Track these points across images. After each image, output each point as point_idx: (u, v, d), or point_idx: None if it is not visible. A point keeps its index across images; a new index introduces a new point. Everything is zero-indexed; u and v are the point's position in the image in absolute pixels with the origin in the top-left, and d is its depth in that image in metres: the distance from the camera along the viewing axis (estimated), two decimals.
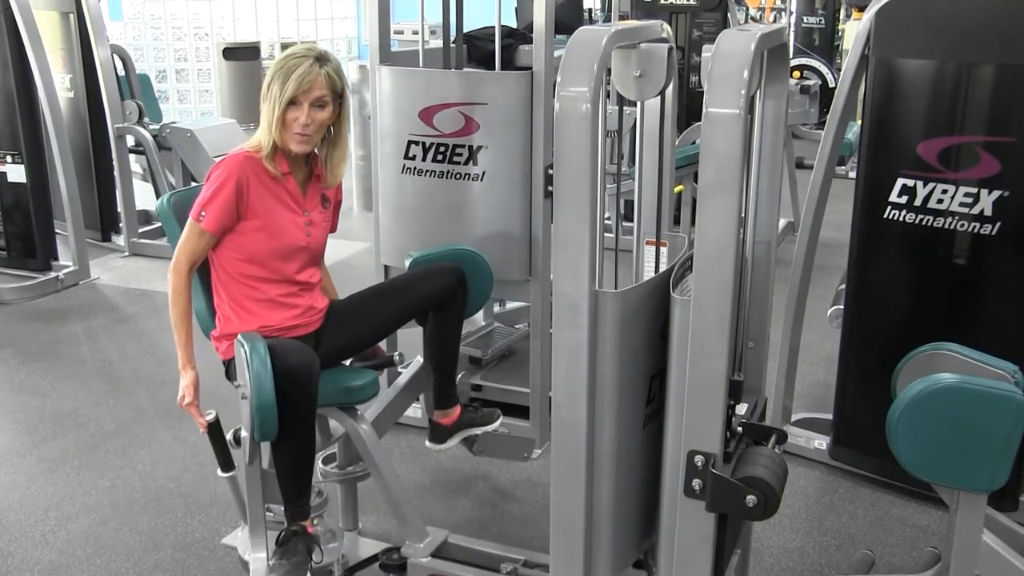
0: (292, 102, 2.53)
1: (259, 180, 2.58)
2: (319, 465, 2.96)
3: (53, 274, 5.62)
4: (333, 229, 2.84)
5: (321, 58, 2.57)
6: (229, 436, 2.58)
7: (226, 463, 2.61)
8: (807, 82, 6.79)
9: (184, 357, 2.62)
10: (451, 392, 2.92)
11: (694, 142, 5.40)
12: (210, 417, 2.58)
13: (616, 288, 2.17)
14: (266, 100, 2.57)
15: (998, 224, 3.00)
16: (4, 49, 5.37)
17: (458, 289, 2.76)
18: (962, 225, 3.06)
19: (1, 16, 5.31)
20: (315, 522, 2.75)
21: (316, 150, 2.68)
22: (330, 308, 2.78)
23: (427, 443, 2.97)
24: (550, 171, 2.99)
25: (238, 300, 2.64)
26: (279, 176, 2.61)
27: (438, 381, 2.91)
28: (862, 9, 6.10)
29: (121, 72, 6.32)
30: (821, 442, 3.59)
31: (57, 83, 5.65)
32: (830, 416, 3.55)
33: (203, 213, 2.53)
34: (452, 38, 3.42)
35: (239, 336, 2.49)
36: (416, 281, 2.83)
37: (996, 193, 2.99)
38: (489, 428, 3.00)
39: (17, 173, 5.54)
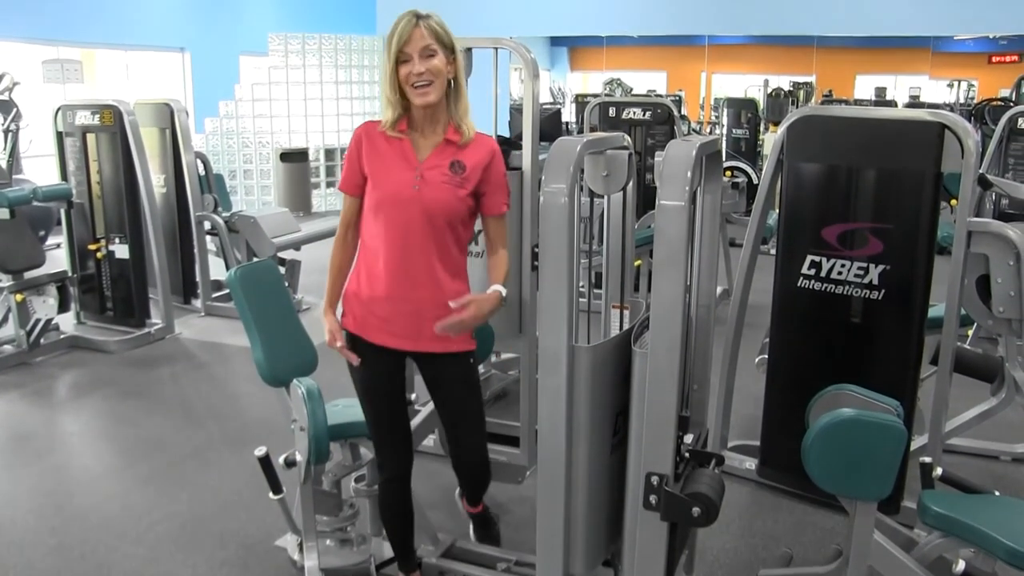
0: (401, 60, 2.18)
1: (372, 139, 2.29)
2: (351, 483, 2.92)
3: (146, 329, 5.57)
4: (493, 210, 2.39)
5: (419, 15, 2.20)
6: (280, 460, 2.53)
7: (275, 487, 2.55)
8: (737, 180, 6.86)
9: (326, 302, 2.39)
10: (477, 498, 2.84)
11: (649, 226, 5.42)
12: (260, 453, 2.49)
13: (588, 343, 2.15)
14: (382, 76, 2.23)
15: (883, 291, 3.03)
16: (117, 157, 5.44)
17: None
18: (856, 292, 3.08)
19: (118, 132, 5.39)
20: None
21: (451, 114, 2.30)
22: None
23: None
24: (536, 249, 2.99)
25: (360, 263, 2.37)
26: (395, 136, 2.28)
27: (468, 490, 2.81)
28: (777, 124, 6.19)
29: (202, 172, 6.35)
30: (751, 463, 3.56)
31: (154, 181, 5.69)
32: (758, 443, 3.51)
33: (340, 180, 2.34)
34: None
35: (295, 380, 2.39)
36: (461, 443, 2.57)
37: (881, 267, 3.02)
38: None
39: (123, 251, 5.56)
